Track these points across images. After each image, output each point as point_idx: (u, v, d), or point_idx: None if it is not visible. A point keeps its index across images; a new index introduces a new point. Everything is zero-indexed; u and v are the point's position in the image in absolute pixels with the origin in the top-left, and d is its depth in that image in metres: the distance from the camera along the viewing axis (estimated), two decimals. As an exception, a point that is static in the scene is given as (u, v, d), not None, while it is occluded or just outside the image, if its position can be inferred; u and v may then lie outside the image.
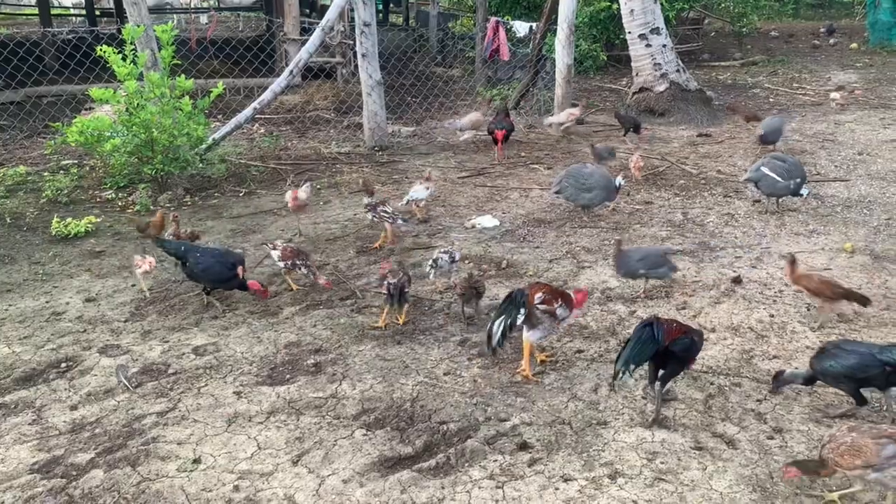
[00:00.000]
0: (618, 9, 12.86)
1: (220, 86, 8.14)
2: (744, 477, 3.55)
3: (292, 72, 9.80)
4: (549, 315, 4.39)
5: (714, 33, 22.16)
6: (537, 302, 4.37)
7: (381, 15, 22.93)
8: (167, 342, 4.95)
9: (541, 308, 4.37)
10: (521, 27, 14.84)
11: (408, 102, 12.60)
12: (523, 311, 4.38)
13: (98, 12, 23.07)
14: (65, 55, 10.81)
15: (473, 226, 7.15)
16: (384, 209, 6.55)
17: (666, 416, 4.03)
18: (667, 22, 13.72)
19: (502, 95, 13.22)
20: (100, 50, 7.48)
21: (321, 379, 4.46)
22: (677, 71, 12.34)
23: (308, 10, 18.53)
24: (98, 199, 7.99)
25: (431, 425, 3.99)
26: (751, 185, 7.54)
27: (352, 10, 10.66)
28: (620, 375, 4.00)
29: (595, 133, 11.11)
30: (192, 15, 23.01)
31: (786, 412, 4.08)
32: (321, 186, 8.47)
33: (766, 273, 5.92)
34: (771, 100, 13.65)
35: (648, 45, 12.19)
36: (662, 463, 3.66)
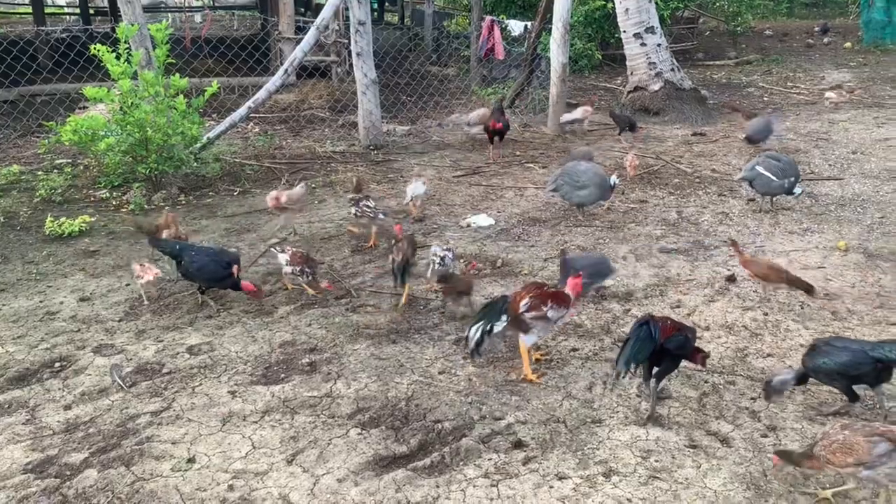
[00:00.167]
0: (613, 8, 12.88)
1: (215, 84, 8.12)
2: (738, 475, 3.56)
3: (287, 70, 9.78)
4: (540, 319, 4.35)
5: (709, 32, 22.20)
6: (523, 309, 4.31)
7: (376, 14, 22.93)
8: (161, 341, 4.94)
9: (528, 316, 4.31)
10: (516, 26, 14.80)
11: (403, 101, 12.59)
12: (504, 317, 4.34)
13: (92, 11, 22.96)
14: (59, 54, 10.74)
15: (468, 225, 7.15)
16: (366, 203, 6.57)
17: (660, 414, 4.04)
18: (662, 21, 13.74)
19: (498, 94, 13.23)
20: (94, 49, 7.46)
21: (316, 378, 4.45)
22: (672, 70, 12.36)
23: (303, 9, 18.49)
24: (92, 199, 7.97)
25: (426, 424, 3.99)
26: (745, 183, 7.56)
27: (347, 8, 10.65)
28: (622, 375, 4.01)
29: (590, 132, 11.12)
30: (187, 13, 22.95)
31: (780, 410, 4.09)
32: (316, 185, 8.46)
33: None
34: (765, 99, 13.69)
35: (643, 44, 12.21)
36: (657, 461, 3.67)
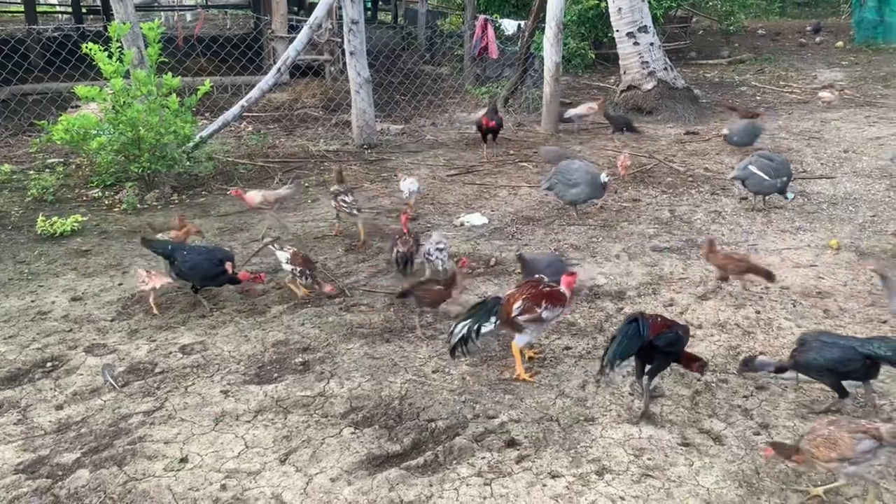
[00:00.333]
0: (606, 7, 12.90)
1: (208, 83, 8.10)
2: (730, 473, 3.57)
3: (280, 69, 9.77)
4: (535, 321, 4.34)
5: (701, 31, 22.25)
6: (516, 313, 4.30)
7: (369, 13, 22.90)
8: (154, 341, 4.92)
9: (522, 319, 4.30)
10: (509, 25, 14.84)
11: (396, 100, 12.59)
12: (493, 319, 4.34)
13: (84, 10, 22.90)
14: (50, 53, 10.70)
15: (462, 223, 7.15)
16: (343, 198, 6.60)
17: (653, 412, 4.05)
18: (654, 20, 13.77)
19: (491, 93, 13.23)
20: (86, 47, 7.43)
21: (309, 377, 4.45)
22: (665, 69, 12.39)
23: (296, 8, 18.48)
24: (84, 198, 7.94)
25: (420, 423, 3.99)
26: (738, 182, 7.58)
27: (340, 7, 10.63)
28: (607, 371, 4.03)
29: (584, 131, 11.14)
30: (179, 12, 22.88)
31: (772, 408, 4.11)
32: (309, 184, 8.45)
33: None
34: (758, 98, 13.73)
35: (636, 44, 12.23)
36: (649, 459, 3.68)
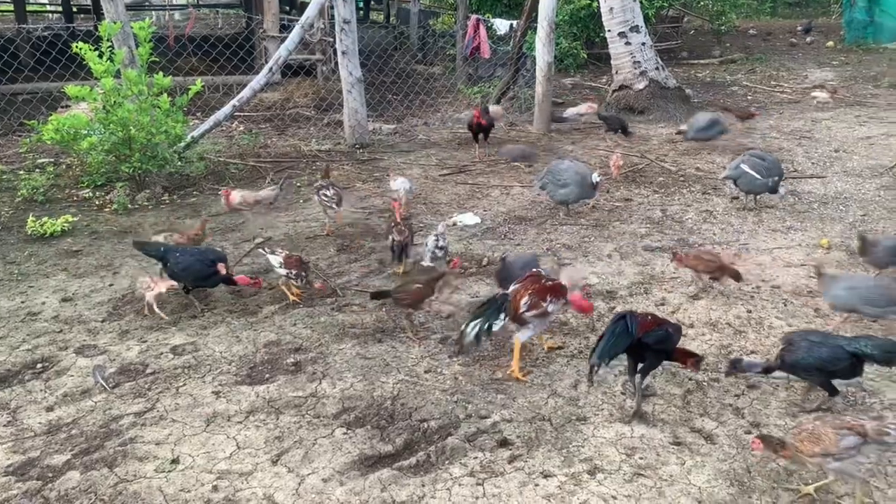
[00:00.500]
0: (598, 7, 12.92)
1: (199, 83, 8.07)
2: (722, 471, 3.59)
3: (272, 69, 9.74)
4: (541, 316, 4.40)
5: (693, 31, 22.30)
6: (523, 309, 4.34)
7: (361, 12, 22.88)
8: (145, 342, 4.90)
9: (529, 315, 4.34)
10: (501, 25, 14.83)
11: (389, 100, 12.58)
12: (503, 316, 4.35)
13: (75, 9, 22.79)
14: (40, 52, 10.65)
15: (455, 223, 7.15)
16: (325, 192, 6.70)
17: (645, 411, 4.06)
18: (646, 20, 13.80)
19: (483, 93, 13.23)
20: (76, 47, 7.39)
21: (301, 378, 4.44)
22: (656, 69, 12.41)
23: (288, 7, 18.44)
24: (75, 198, 7.90)
25: (412, 423, 3.98)
26: (729, 182, 7.60)
27: (332, 7, 10.61)
28: (596, 369, 4.04)
29: (576, 131, 11.15)
30: (170, 11, 22.81)
31: (763, 407, 4.12)
32: (301, 184, 8.43)
33: (743, 269, 5.95)
34: (749, 97, 13.77)
35: (628, 43, 12.26)
36: (641, 458, 3.69)
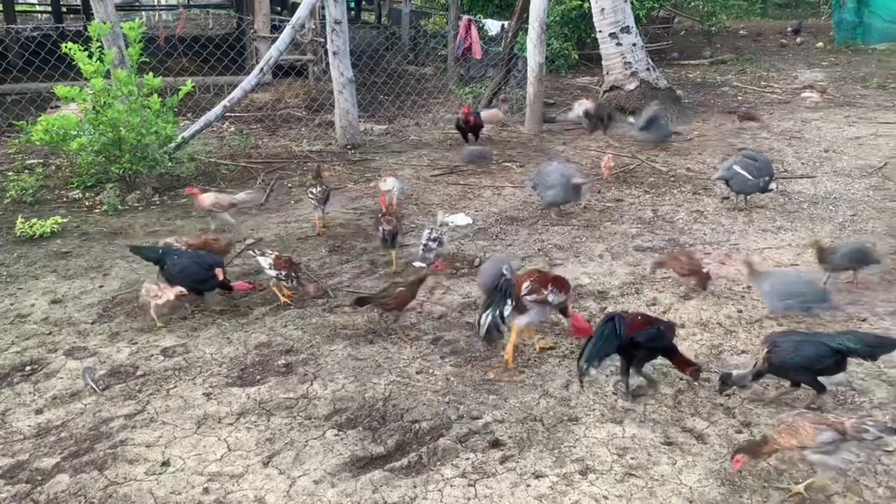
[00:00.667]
0: (589, 7, 12.94)
1: (189, 83, 8.04)
2: (713, 471, 3.59)
3: (263, 69, 9.71)
4: (541, 304, 4.49)
5: (684, 32, 22.39)
6: (525, 293, 4.46)
7: (353, 13, 22.86)
8: (135, 344, 4.88)
9: (530, 299, 4.46)
10: (492, 25, 14.84)
11: (380, 100, 12.56)
12: (510, 301, 4.46)
13: (64, 9, 22.68)
14: (29, 52, 10.58)
15: (446, 224, 7.14)
16: (311, 190, 6.78)
17: (634, 409, 4.07)
18: (637, 21, 13.84)
19: (475, 93, 13.24)
20: (65, 47, 7.35)
21: (292, 379, 4.43)
22: (647, 69, 12.44)
23: (279, 8, 18.40)
24: (64, 199, 7.86)
25: (404, 424, 3.98)
26: (721, 183, 7.62)
27: (323, 7, 10.60)
28: (584, 371, 4.06)
29: (567, 131, 11.17)
30: (160, 12, 22.72)
31: (754, 406, 4.13)
32: (292, 185, 8.42)
33: (734, 269, 5.99)
34: (739, 98, 13.83)
35: (619, 44, 12.28)
36: (633, 458, 3.69)
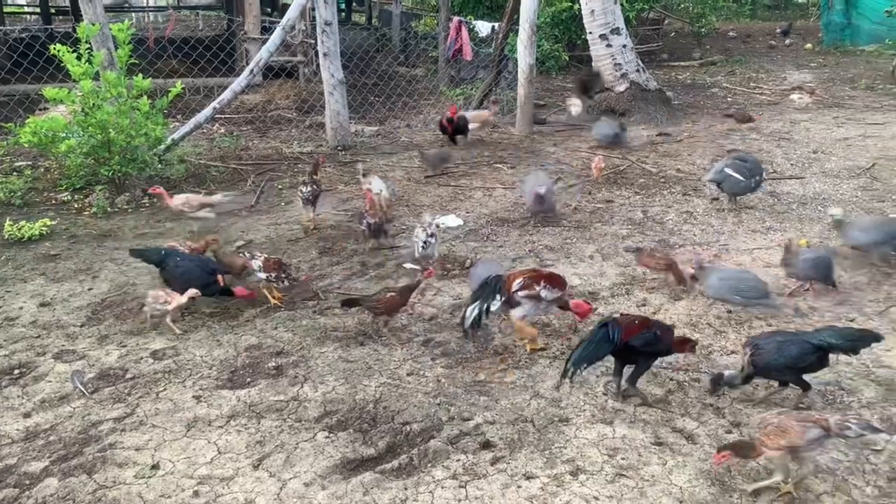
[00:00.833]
0: (579, 9, 12.95)
1: (179, 85, 8.01)
2: (703, 471, 3.61)
3: (253, 71, 9.68)
4: (533, 299, 4.54)
5: (674, 34, 22.47)
6: (516, 288, 4.51)
7: (343, 14, 22.83)
8: (125, 346, 4.86)
9: (521, 294, 4.51)
10: (483, 27, 14.83)
11: (371, 102, 12.55)
12: (500, 296, 4.52)
13: (53, 10, 22.56)
14: (17, 54, 10.53)
15: (437, 225, 7.13)
16: (301, 188, 6.91)
17: (623, 409, 4.08)
18: (627, 22, 13.87)
19: (465, 95, 13.25)
20: (54, 49, 7.32)
21: (282, 382, 4.42)
22: (637, 71, 12.48)
23: (269, 9, 18.34)
24: (53, 202, 7.82)
25: (394, 426, 3.98)
26: (712, 184, 7.64)
27: (313, 9, 10.58)
28: (571, 375, 4.07)
29: (558, 133, 11.20)
30: (150, 13, 22.63)
31: (743, 406, 4.15)
32: (283, 187, 8.40)
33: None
34: (729, 99, 13.89)
35: (609, 46, 12.31)
36: (623, 459, 3.70)
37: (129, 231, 7.00)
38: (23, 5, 27.96)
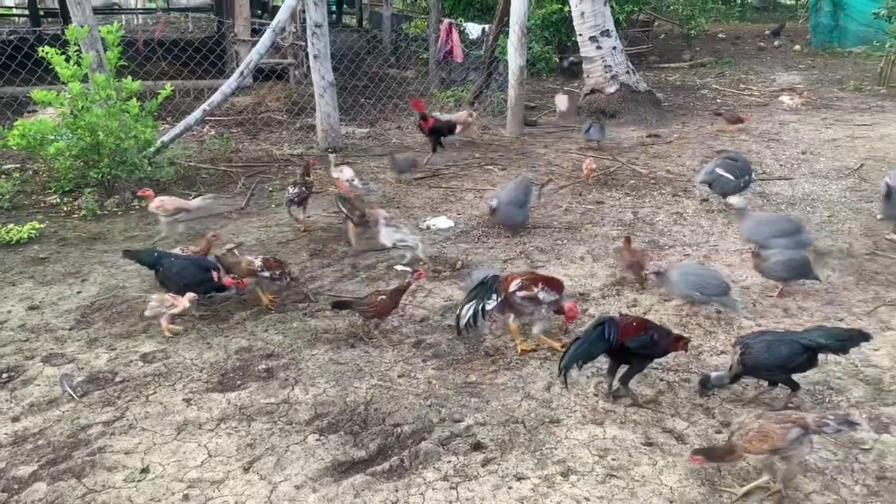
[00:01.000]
0: (569, 11, 12.99)
1: (169, 87, 7.99)
2: (693, 471, 3.62)
3: (243, 73, 9.66)
4: (531, 301, 4.55)
5: (663, 35, 22.54)
6: (514, 289, 4.52)
7: (334, 16, 22.78)
8: (114, 349, 4.83)
9: (520, 295, 4.52)
10: (473, 29, 14.88)
11: (361, 104, 12.54)
12: (495, 296, 4.52)
13: (41, 12, 22.44)
14: (6, 56, 10.46)
15: (428, 227, 7.15)
16: (289, 188, 7.02)
17: (614, 411, 4.09)
18: (617, 24, 13.91)
19: (456, 97, 13.26)
20: (42, 51, 7.28)
21: (273, 384, 4.41)
22: (627, 72, 12.52)
23: (259, 11, 18.30)
24: (42, 205, 7.77)
25: (385, 428, 3.97)
26: (704, 186, 7.66)
27: (303, 11, 10.57)
28: (563, 374, 4.08)
29: (548, 134, 11.22)
30: (140, 15, 22.53)
31: (733, 406, 4.17)
32: (273, 189, 8.38)
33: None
34: (718, 100, 13.95)
35: (599, 48, 12.35)
36: (614, 459, 3.71)
37: (119, 234, 6.97)
38: (11, 7, 27.83)
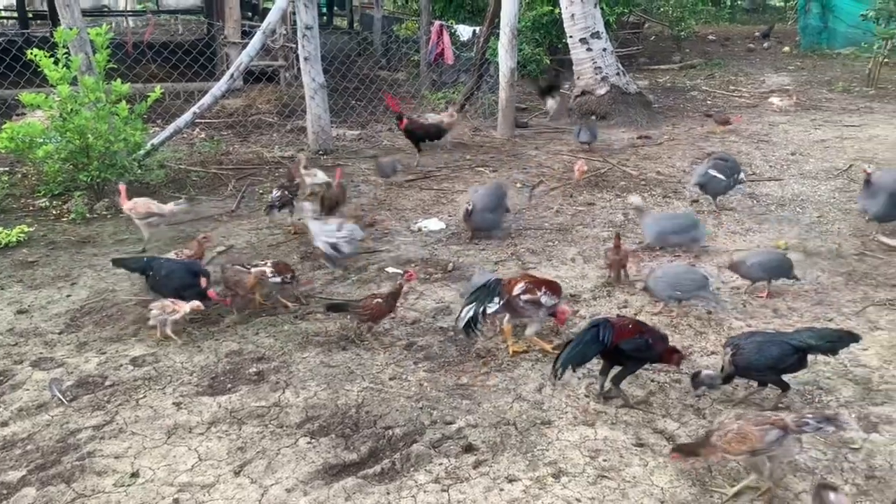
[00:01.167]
0: (560, 13, 13.02)
1: (158, 90, 7.96)
2: (684, 472, 3.63)
3: (233, 75, 9.64)
4: (533, 304, 4.58)
5: (654, 37, 22.62)
6: (518, 292, 4.55)
7: (325, 18, 22.74)
8: (104, 354, 4.81)
9: (524, 299, 4.55)
10: (464, 31, 14.89)
11: (352, 106, 12.52)
12: (497, 299, 4.53)
13: (30, 14, 22.32)
14: (-6, 59, 10.40)
15: (419, 229, 7.15)
16: (274, 191, 7.11)
17: (605, 411, 4.10)
18: (607, 26, 13.94)
19: (447, 99, 13.26)
20: (31, 53, 7.25)
21: (264, 387, 4.39)
22: (617, 74, 12.56)
23: (249, 13, 18.26)
24: (31, 208, 7.73)
25: (377, 431, 3.97)
26: (697, 188, 7.68)
27: (294, 13, 10.56)
28: (559, 375, 4.08)
29: (539, 135, 11.24)
30: (129, 18, 22.45)
31: (723, 407, 4.18)
32: (263, 191, 8.35)
33: (703, 271, 6.04)
34: (708, 102, 14.01)
35: (589, 49, 12.38)
36: (605, 460, 3.72)
37: (109, 237, 6.94)
38: (-1, 9, 27.65)
